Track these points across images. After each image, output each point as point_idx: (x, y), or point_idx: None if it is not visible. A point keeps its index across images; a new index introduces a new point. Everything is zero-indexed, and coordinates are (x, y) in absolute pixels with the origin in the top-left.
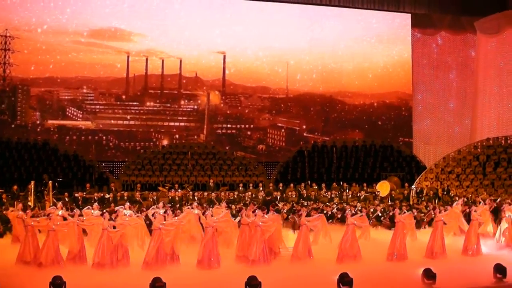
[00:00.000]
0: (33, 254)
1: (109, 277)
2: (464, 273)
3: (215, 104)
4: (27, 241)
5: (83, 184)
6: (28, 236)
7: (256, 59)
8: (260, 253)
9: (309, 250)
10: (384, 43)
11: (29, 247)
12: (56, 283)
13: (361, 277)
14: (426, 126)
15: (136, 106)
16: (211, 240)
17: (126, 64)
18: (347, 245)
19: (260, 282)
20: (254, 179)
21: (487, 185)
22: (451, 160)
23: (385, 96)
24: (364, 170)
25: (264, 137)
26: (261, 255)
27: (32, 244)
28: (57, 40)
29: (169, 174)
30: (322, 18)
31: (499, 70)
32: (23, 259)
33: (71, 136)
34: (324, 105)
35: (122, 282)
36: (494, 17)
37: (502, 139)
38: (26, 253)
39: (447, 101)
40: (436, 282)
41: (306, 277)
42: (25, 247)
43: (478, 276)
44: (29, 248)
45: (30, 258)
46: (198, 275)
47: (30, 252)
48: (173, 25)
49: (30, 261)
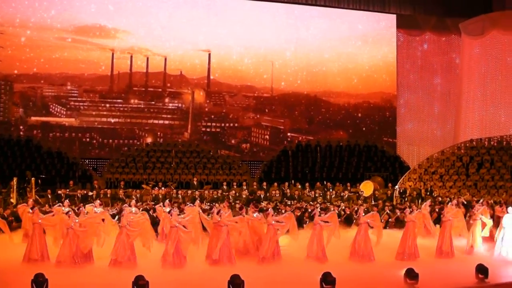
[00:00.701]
0: (40, 252)
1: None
2: (446, 273)
3: (199, 103)
4: (34, 239)
5: (66, 181)
6: (35, 234)
7: (241, 58)
8: (271, 252)
9: (323, 250)
10: (369, 44)
11: (36, 245)
12: (38, 281)
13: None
14: (410, 127)
15: (120, 104)
16: (227, 239)
17: (110, 62)
18: (361, 245)
19: (243, 281)
20: (238, 177)
21: (470, 186)
22: (435, 161)
23: (370, 97)
24: (348, 170)
25: (248, 136)
26: (273, 254)
27: (40, 242)
28: (42, 36)
29: (152, 172)
30: (308, 18)
31: (483, 72)
32: (30, 256)
33: (54, 133)
34: (308, 105)
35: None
36: (479, 19)
37: (485, 141)
38: (33, 251)
39: (431, 102)
40: (418, 282)
41: (291, 276)
42: (33, 245)
43: (460, 276)
44: (36, 246)
45: (38, 256)
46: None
47: (37, 250)
48: (158, 23)
49: (38, 259)
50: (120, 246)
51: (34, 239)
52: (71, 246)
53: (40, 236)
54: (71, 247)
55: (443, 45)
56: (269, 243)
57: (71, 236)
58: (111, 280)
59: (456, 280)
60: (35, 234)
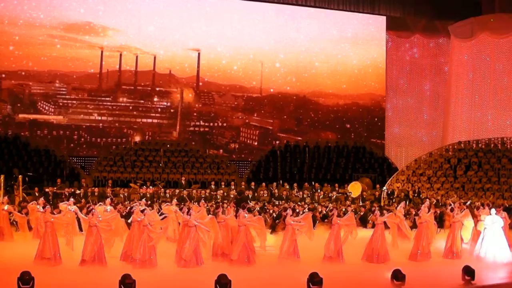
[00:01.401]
0: (53, 251)
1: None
2: (433, 275)
3: (188, 102)
4: (47, 237)
5: (54, 179)
6: (47, 233)
7: (231, 58)
8: (292, 251)
9: (339, 251)
10: (359, 45)
11: (49, 244)
12: (24, 279)
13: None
14: (399, 128)
15: (109, 102)
16: (245, 239)
17: (99, 60)
18: (378, 245)
19: (230, 281)
20: (226, 177)
21: (458, 188)
22: (423, 163)
23: (359, 98)
24: (336, 171)
25: (237, 136)
26: (292, 254)
27: (52, 241)
28: (31, 34)
29: (141, 170)
30: (298, 19)
31: (472, 74)
32: (42, 255)
33: (42, 131)
34: (297, 105)
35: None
36: (468, 22)
37: (473, 143)
38: (45, 250)
39: (420, 104)
40: (405, 283)
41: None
42: (45, 244)
43: (447, 278)
44: (49, 245)
45: (50, 255)
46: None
47: (50, 249)
48: (148, 21)
49: (50, 258)
50: (142, 246)
51: (46, 238)
52: (93, 245)
53: (53, 235)
54: (94, 246)
55: (432, 48)
56: (288, 242)
57: (95, 234)
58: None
59: (443, 282)
60: (47, 233)
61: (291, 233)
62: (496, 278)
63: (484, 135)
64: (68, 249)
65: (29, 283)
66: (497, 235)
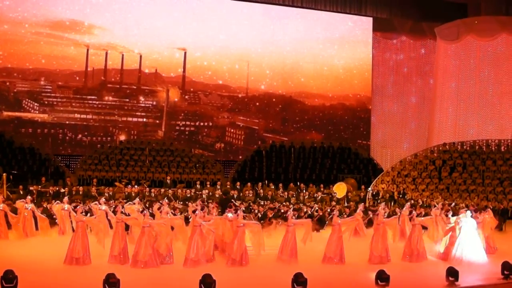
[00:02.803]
0: (83, 251)
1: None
2: (417, 276)
3: (174, 101)
4: (77, 237)
5: (38, 178)
6: (78, 233)
7: (217, 57)
8: (290, 252)
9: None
10: (345, 46)
11: (79, 244)
12: (8, 278)
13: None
14: (384, 129)
15: (94, 100)
16: (292, 236)
17: (85, 58)
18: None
19: (214, 280)
20: (211, 177)
21: (442, 190)
22: (408, 164)
23: (345, 99)
24: (321, 171)
25: (222, 136)
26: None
27: (82, 241)
28: (15, 30)
29: (126, 169)
30: (284, 19)
31: (457, 76)
32: (72, 255)
33: (27, 129)
34: (283, 105)
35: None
36: (454, 24)
37: (458, 145)
38: (76, 250)
39: (406, 105)
40: (389, 284)
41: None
42: (75, 244)
43: (430, 279)
44: (79, 245)
45: (79, 255)
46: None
47: (80, 250)
48: (134, 20)
49: (79, 258)
50: (195, 245)
51: (77, 238)
52: (147, 245)
53: (83, 235)
54: (147, 246)
55: (418, 49)
56: (336, 243)
57: (147, 235)
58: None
59: (426, 283)
60: (78, 233)
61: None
62: (480, 279)
63: (469, 137)
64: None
65: (12, 282)
66: (471, 237)
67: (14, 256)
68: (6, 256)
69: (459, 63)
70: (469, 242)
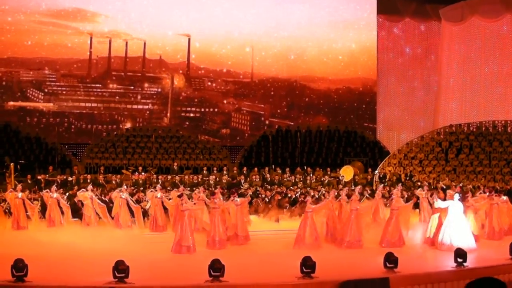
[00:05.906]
0: (191, 240)
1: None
2: (425, 258)
3: (179, 87)
4: (183, 226)
5: (46, 167)
6: (184, 221)
7: (221, 43)
8: (358, 237)
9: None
10: (349, 29)
11: (187, 233)
12: (18, 267)
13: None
14: (390, 112)
15: (98, 88)
16: (312, 221)
17: (89, 46)
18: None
19: (223, 265)
20: (218, 162)
21: (449, 172)
22: (414, 146)
23: (350, 82)
24: (327, 155)
25: (228, 121)
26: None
27: (189, 230)
28: (19, 20)
29: (132, 157)
30: (289, 3)
31: (462, 58)
32: (182, 243)
33: (32, 118)
34: (289, 90)
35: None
36: (459, 6)
37: (464, 126)
38: (184, 238)
39: (411, 87)
40: (398, 266)
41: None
42: (183, 232)
43: (439, 261)
44: (187, 234)
45: (188, 243)
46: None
47: (188, 238)
48: (137, 7)
49: (189, 246)
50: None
51: (184, 227)
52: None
53: (190, 224)
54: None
55: (423, 31)
56: (356, 229)
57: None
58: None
59: (435, 264)
60: (184, 221)
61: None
62: (488, 260)
63: (475, 118)
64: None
65: (23, 271)
66: (458, 221)
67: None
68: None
69: (464, 44)
70: (456, 226)
